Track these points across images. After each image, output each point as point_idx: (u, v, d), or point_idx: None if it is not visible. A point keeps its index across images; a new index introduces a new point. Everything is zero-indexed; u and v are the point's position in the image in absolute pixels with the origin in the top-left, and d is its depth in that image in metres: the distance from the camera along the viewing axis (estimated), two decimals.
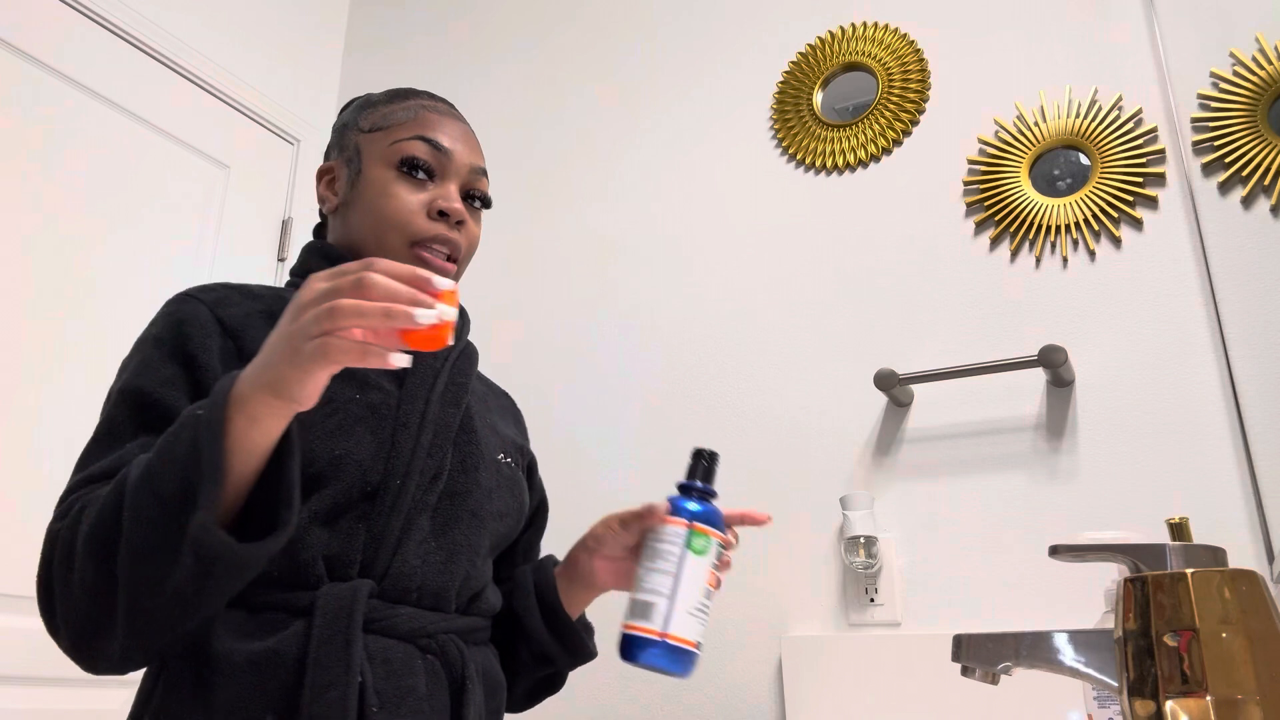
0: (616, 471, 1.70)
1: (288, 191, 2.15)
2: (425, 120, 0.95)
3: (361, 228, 0.92)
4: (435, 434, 0.86)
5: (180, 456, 0.66)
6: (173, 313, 0.83)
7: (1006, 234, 1.51)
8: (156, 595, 0.66)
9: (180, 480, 0.65)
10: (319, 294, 0.64)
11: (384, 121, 0.95)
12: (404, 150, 0.92)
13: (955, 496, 1.42)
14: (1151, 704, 0.56)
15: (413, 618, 0.81)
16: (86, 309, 1.69)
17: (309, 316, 0.64)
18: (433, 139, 0.93)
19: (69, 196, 1.70)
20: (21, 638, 1.50)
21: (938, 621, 1.37)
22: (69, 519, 0.70)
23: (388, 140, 0.93)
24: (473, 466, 0.89)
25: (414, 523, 0.83)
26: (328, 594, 0.76)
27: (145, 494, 0.66)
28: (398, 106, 0.96)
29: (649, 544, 0.86)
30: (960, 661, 0.69)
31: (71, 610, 0.68)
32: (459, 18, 2.27)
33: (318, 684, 0.72)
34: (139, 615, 0.67)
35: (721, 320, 1.70)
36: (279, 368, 0.65)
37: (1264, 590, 0.58)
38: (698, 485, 0.89)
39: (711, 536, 0.86)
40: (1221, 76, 1.37)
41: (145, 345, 0.82)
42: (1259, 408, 1.21)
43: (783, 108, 1.76)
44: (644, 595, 0.82)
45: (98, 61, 1.79)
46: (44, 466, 1.58)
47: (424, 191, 0.92)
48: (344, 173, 0.95)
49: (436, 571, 0.84)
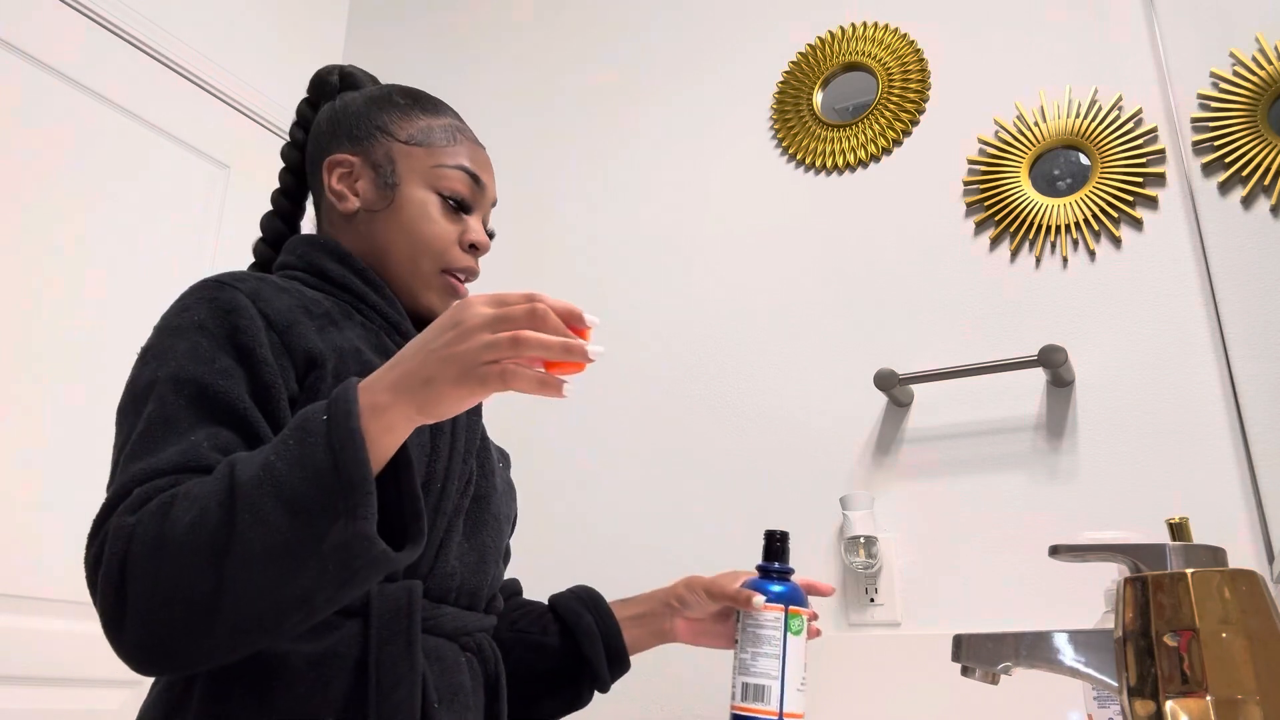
0: (616, 471, 1.70)
1: None
2: (465, 149, 0.97)
3: (392, 243, 0.92)
4: (466, 440, 0.89)
5: (314, 463, 0.63)
6: (213, 299, 0.79)
7: (1006, 234, 1.51)
8: (276, 601, 0.64)
9: (317, 487, 0.63)
10: (490, 320, 0.65)
11: (424, 138, 0.95)
12: (451, 182, 0.94)
13: (955, 496, 1.42)
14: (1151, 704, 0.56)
15: (455, 617, 0.84)
16: (86, 309, 1.69)
17: (483, 341, 0.65)
18: (475, 174, 0.96)
19: (69, 196, 1.70)
20: (21, 638, 1.50)
21: (938, 621, 1.37)
22: (148, 516, 0.65)
23: (431, 161, 0.94)
24: (489, 472, 0.93)
25: (453, 526, 0.86)
26: (382, 594, 0.77)
27: (268, 499, 0.63)
28: (434, 123, 0.97)
29: (748, 628, 0.93)
30: (960, 661, 0.69)
31: (156, 609, 0.64)
32: (457, 18, 2.27)
33: (385, 683, 0.73)
34: (248, 620, 0.64)
35: (721, 320, 1.70)
36: (439, 386, 0.65)
37: (1264, 590, 0.58)
38: (776, 567, 0.97)
39: (803, 615, 0.94)
40: (1221, 76, 1.37)
41: (186, 332, 0.77)
42: (1259, 408, 1.21)
43: (783, 108, 1.76)
44: (755, 679, 0.91)
45: (98, 61, 1.79)
46: (44, 467, 1.58)
47: (459, 223, 0.95)
48: (369, 176, 0.94)
49: (471, 572, 0.87)
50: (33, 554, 1.54)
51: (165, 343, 0.77)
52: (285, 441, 0.66)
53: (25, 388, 1.58)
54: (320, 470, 0.63)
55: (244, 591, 0.63)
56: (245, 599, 0.63)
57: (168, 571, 0.63)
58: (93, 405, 1.67)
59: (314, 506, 0.63)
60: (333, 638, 0.75)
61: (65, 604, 1.57)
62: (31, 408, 1.58)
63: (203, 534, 0.63)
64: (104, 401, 1.68)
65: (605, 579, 1.64)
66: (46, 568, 1.55)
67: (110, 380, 1.70)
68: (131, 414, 0.75)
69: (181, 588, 0.63)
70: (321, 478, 0.63)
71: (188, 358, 0.75)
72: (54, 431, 1.60)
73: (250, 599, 0.63)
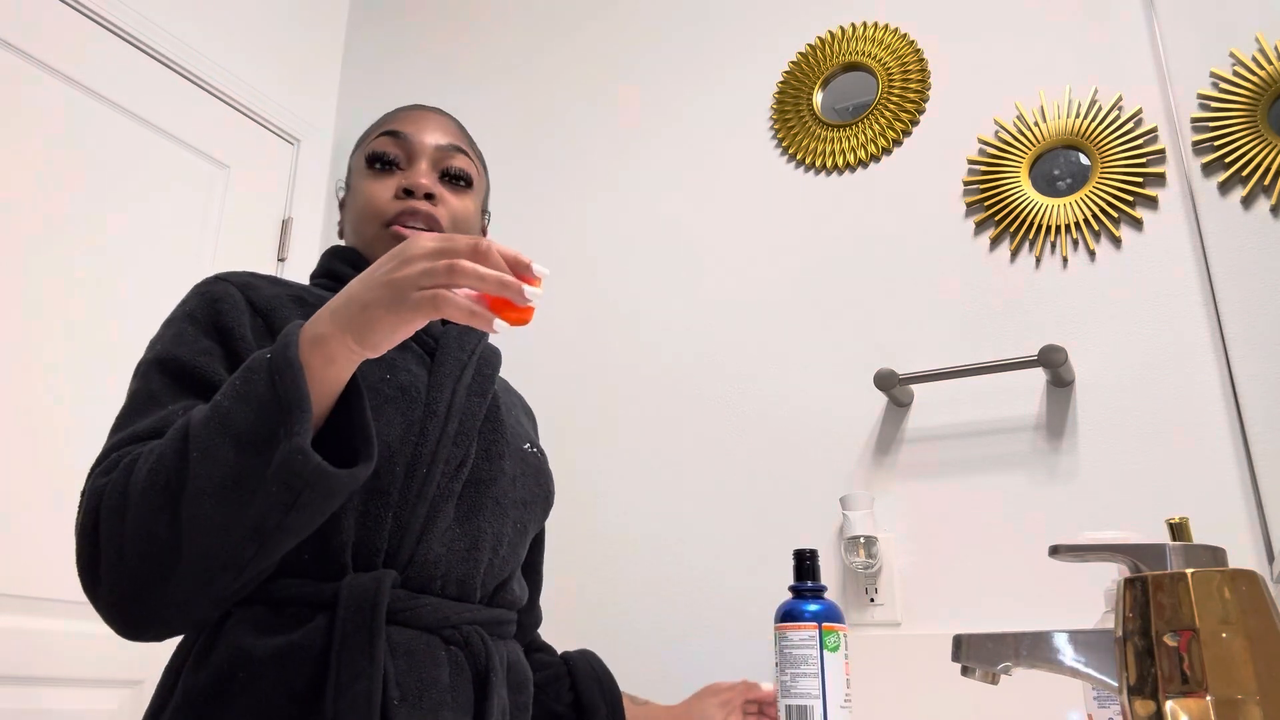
0: (615, 471, 1.70)
1: (288, 191, 2.15)
2: (389, 118, 1.02)
3: (351, 230, 0.99)
4: (461, 423, 0.88)
5: (256, 395, 0.67)
6: (204, 292, 0.86)
7: (1006, 234, 1.51)
8: (230, 534, 0.66)
9: (258, 416, 0.66)
10: (431, 251, 0.68)
11: (363, 139, 1.03)
12: (369, 149, 0.99)
13: (955, 496, 1.42)
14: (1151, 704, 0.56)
15: (436, 608, 0.81)
16: (86, 309, 1.69)
17: (420, 269, 0.67)
18: (391, 129, 0.99)
19: (69, 196, 1.70)
20: (21, 638, 1.50)
21: (938, 621, 1.37)
22: (117, 472, 0.70)
23: (363, 151, 1.01)
24: (497, 455, 0.91)
25: (439, 510, 0.84)
26: (351, 585, 0.77)
27: (215, 434, 0.67)
28: (375, 123, 1.04)
29: (784, 651, 0.93)
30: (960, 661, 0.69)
31: (123, 562, 0.67)
32: (459, 18, 2.27)
33: (342, 677, 0.73)
34: (207, 558, 0.67)
35: (721, 320, 1.70)
36: (374, 310, 0.67)
37: (1264, 590, 0.58)
38: (809, 586, 0.97)
39: (840, 631, 0.93)
40: (1221, 76, 1.37)
41: (177, 321, 0.84)
42: (1259, 408, 1.21)
43: (783, 108, 1.76)
44: (797, 700, 0.91)
45: (98, 61, 1.80)
46: (42, 467, 1.58)
47: (392, 178, 0.97)
48: (346, 193, 1.04)
49: (460, 560, 0.84)
50: (33, 554, 1.54)
51: (159, 332, 0.85)
52: (233, 382, 0.70)
53: (25, 387, 1.58)
54: (263, 401, 0.67)
55: (199, 527, 0.66)
56: (201, 534, 0.66)
57: (130, 519, 0.67)
58: (93, 405, 1.67)
59: (258, 436, 0.66)
60: (300, 631, 0.75)
61: (65, 604, 1.57)
62: (31, 407, 1.58)
63: (159, 478, 0.67)
64: (104, 401, 1.68)
65: (605, 578, 1.64)
66: (46, 568, 1.55)
67: (110, 380, 1.70)
68: (134, 379, 0.82)
69: (143, 532, 0.66)
70: (264, 408, 0.67)
71: (173, 341, 0.81)
72: (54, 431, 1.60)
73: (205, 534, 0.66)
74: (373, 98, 2.32)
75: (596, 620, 1.62)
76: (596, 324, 1.82)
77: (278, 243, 2.10)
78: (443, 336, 0.94)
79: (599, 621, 1.62)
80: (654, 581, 1.60)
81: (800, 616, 0.93)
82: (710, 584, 1.55)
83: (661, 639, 1.56)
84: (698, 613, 1.55)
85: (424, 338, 0.94)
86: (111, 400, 1.69)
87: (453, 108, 2.18)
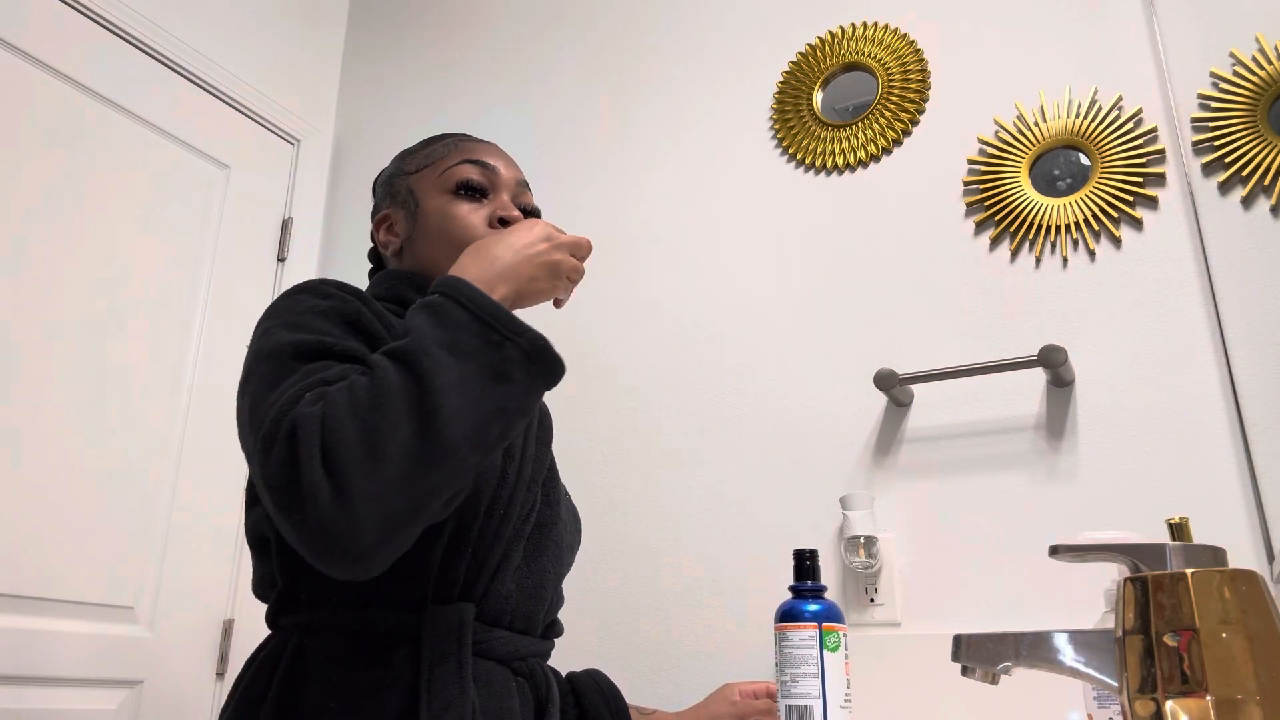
0: (614, 472, 1.70)
1: (288, 191, 2.15)
2: (467, 148, 1.03)
3: (433, 252, 0.98)
4: (533, 470, 0.92)
5: (458, 319, 0.73)
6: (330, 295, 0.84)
7: (1006, 234, 1.51)
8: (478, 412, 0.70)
9: (474, 330, 0.73)
10: (570, 244, 0.87)
11: (428, 160, 1.02)
12: (456, 175, 0.99)
13: (955, 496, 1.42)
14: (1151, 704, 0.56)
15: (507, 641, 0.85)
16: (86, 309, 1.69)
17: (572, 264, 0.87)
18: (479, 160, 1.01)
19: (68, 196, 1.70)
20: (21, 638, 1.50)
21: (938, 621, 1.37)
22: (330, 395, 0.68)
23: (437, 172, 1.00)
24: (555, 501, 0.96)
25: (513, 550, 0.87)
26: (433, 617, 0.79)
27: (438, 353, 0.70)
28: (437, 146, 1.04)
29: (785, 650, 0.93)
30: (960, 661, 0.69)
31: (374, 462, 0.65)
32: (459, 18, 2.27)
33: (435, 705, 0.74)
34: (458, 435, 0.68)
35: (721, 320, 1.70)
36: (540, 284, 0.84)
37: (1264, 590, 0.58)
38: (809, 586, 0.97)
39: (840, 631, 0.94)
40: (1221, 76, 1.37)
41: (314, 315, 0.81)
42: (1259, 408, 1.21)
43: (783, 108, 1.76)
44: (796, 700, 0.90)
45: (98, 61, 1.80)
46: (44, 467, 1.58)
47: (482, 207, 0.99)
48: (401, 214, 1.02)
49: (528, 597, 0.89)
50: (34, 554, 1.54)
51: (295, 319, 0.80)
52: (420, 319, 0.74)
53: (25, 388, 1.58)
54: (468, 322, 0.74)
55: (451, 412, 0.68)
56: (454, 417, 0.68)
57: (373, 421, 0.66)
58: (93, 405, 1.66)
59: (477, 344, 0.73)
60: (387, 661, 0.77)
61: (65, 604, 1.57)
62: (32, 407, 1.58)
63: (392, 384, 0.68)
64: (104, 401, 1.68)
65: (604, 578, 1.64)
66: (48, 568, 1.55)
67: (111, 380, 1.70)
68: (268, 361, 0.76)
69: (392, 428, 0.66)
70: (473, 325, 0.74)
71: (320, 333, 0.79)
72: (54, 431, 1.60)
73: (458, 417, 0.69)
74: (373, 98, 2.32)
75: (596, 619, 1.62)
76: (595, 324, 1.82)
77: (278, 243, 2.10)
78: None
79: (598, 621, 1.62)
80: (653, 581, 1.60)
81: (800, 616, 0.93)
82: (710, 584, 1.55)
83: (660, 639, 1.56)
84: (697, 613, 1.55)
85: None
86: (111, 400, 1.69)
87: (452, 108, 2.18)
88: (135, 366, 1.75)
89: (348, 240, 2.20)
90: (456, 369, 0.69)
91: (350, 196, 2.25)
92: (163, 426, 1.78)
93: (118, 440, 1.70)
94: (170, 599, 1.72)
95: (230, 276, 1.97)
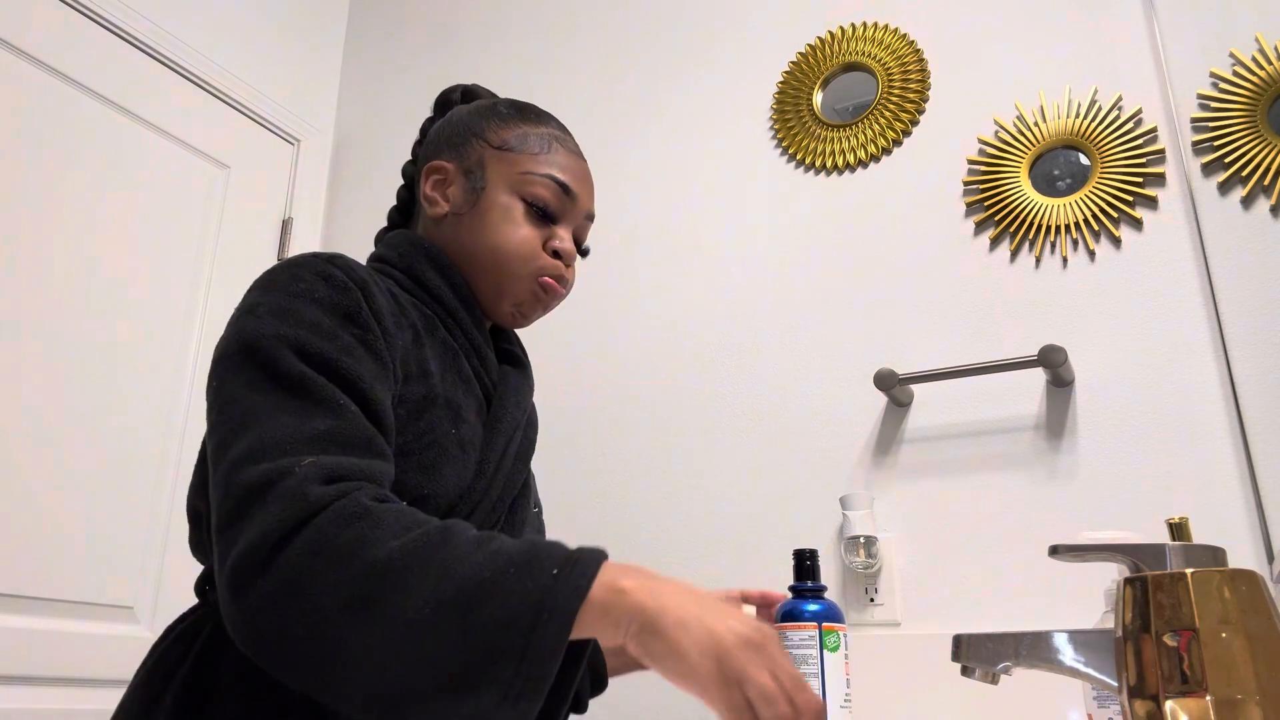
0: (614, 472, 1.70)
1: (288, 191, 2.15)
2: (559, 158, 0.95)
3: (478, 246, 0.91)
4: (503, 490, 0.87)
5: (514, 607, 0.60)
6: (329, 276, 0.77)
7: (1006, 234, 1.51)
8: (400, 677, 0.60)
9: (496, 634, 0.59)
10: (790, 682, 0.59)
11: (516, 144, 0.94)
12: (537, 190, 0.92)
13: (955, 496, 1.42)
14: (1151, 704, 0.56)
15: None
16: (86, 309, 1.69)
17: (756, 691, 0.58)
18: (565, 184, 0.94)
19: (68, 196, 1.70)
20: (21, 638, 1.50)
21: (938, 621, 1.37)
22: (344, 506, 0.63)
23: (519, 167, 0.93)
24: (520, 522, 0.92)
25: None
26: None
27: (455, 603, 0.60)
28: (530, 130, 0.96)
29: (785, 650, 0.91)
30: (960, 661, 0.69)
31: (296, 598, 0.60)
32: (459, 19, 2.27)
33: None
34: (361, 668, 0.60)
35: (721, 320, 1.70)
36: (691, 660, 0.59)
37: (1264, 590, 0.58)
38: (809, 586, 0.96)
39: (839, 631, 0.93)
40: (1221, 76, 1.37)
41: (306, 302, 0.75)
42: (1259, 408, 1.21)
43: (783, 108, 1.76)
44: None
45: (98, 61, 1.79)
46: (44, 467, 1.58)
47: (544, 229, 0.93)
48: (460, 181, 0.94)
49: None
50: (34, 554, 1.54)
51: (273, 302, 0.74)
52: (508, 566, 0.62)
53: (25, 388, 1.58)
54: (516, 622, 0.59)
55: (368, 662, 0.60)
56: (362, 667, 0.60)
57: (329, 581, 0.61)
58: (93, 405, 1.66)
59: (485, 652, 0.59)
60: None
61: (65, 604, 1.57)
62: (32, 408, 1.58)
63: (388, 579, 0.61)
64: (104, 401, 1.68)
65: None
66: (48, 568, 1.55)
67: (110, 380, 1.70)
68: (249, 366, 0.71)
69: (328, 605, 0.60)
70: (509, 632, 0.59)
71: (311, 330, 0.73)
72: (54, 432, 1.60)
73: (366, 671, 0.60)
74: (373, 98, 2.32)
75: None
76: (595, 323, 1.82)
77: (278, 243, 2.10)
78: (501, 382, 0.92)
79: None
80: None
81: (800, 616, 0.93)
82: (710, 584, 1.55)
83: None
84: None
85: (485, 380, 0.90)
86: (111, 400, 1.69)
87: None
88: (135, 367, 1.75)
89: (348, 240, 2.20)
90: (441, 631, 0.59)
91: (350, 196, 2.25)
92: (162, 427, 1.78)
93: (118, 440, 1.69)
94: (170, 599, 1.72)
95: (230, 277, 1.97)
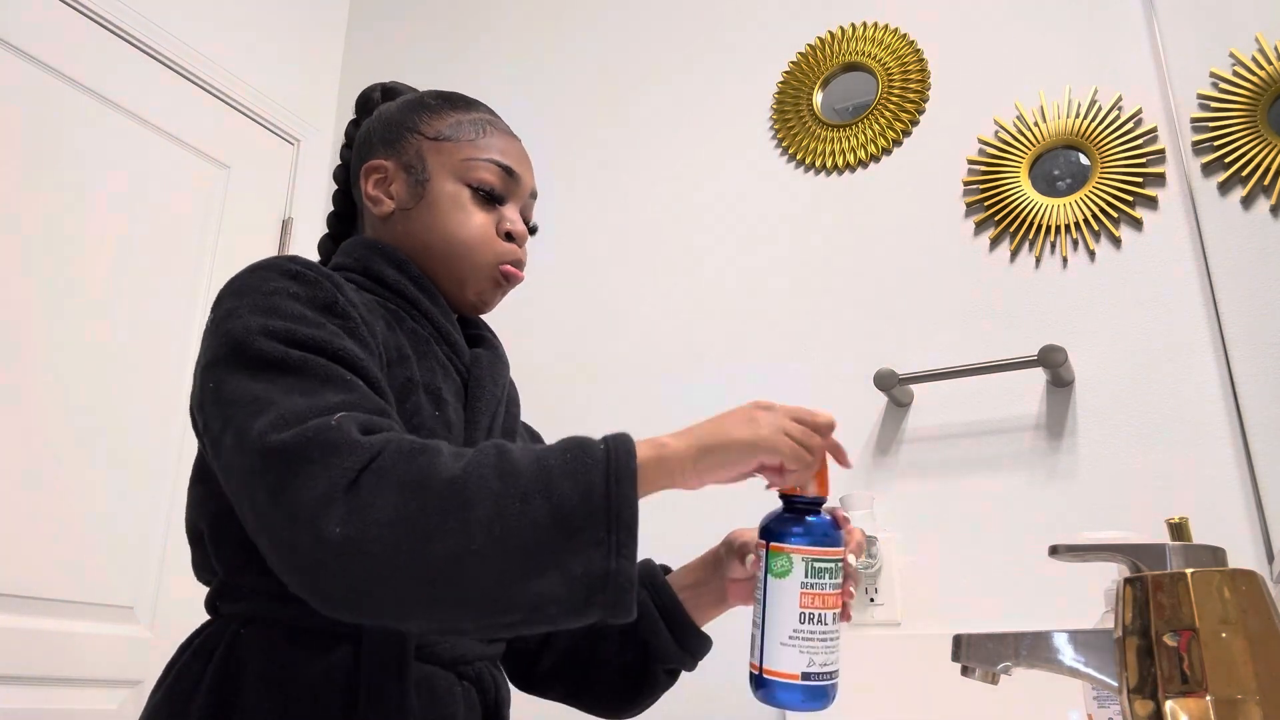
0: None
1: (288, 191, 2.15)
2: (496, 141, 0.96)
3: (430, 238, 0.91)
4: None
5: (587, 482, 0.65)
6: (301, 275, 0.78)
7: (1006, 234, 1.51)
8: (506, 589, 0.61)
9: (585, 505, 0.64)
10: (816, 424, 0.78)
11: (452, 133, 0.95)
12: (481, 174, 0.93)
13: (955, 496, 1.42)
14: (1151, 704, 0.56)
15: (454, 645, 0.81)
16: (86, 309, 1.69)
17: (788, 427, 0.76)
18: (506, 165, 0.95)
19: (68, 196, 1.70)
20: (21, 638, 1.50)
21: (938, 621, 1.37)
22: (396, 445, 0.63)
23: (459, 155, 0.94)
24: None
25: None
26: None
27: (538, 495, 0.63)
28: (463, 117, 0.97)
29: None
30: (960, 661, 0.69)
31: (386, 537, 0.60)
32: (459, 19, 2.27)
33: (372, 711, 0.71)
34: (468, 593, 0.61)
35: (721, 320, 1.70)
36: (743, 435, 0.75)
37: (1264, 590, 0.58)
38: (795, 500, 0.81)
39: (792, 554, 0.77)
40: (1221, 76, 1.37)
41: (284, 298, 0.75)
42: (1259, 408, 1.21)
43: (783, 108, 1.76)
44: (752, 627, 0.78)
45: (98, 61, 1.79)
46: (43, 467, 1.58)
47: (493, 213, 0.94)
48: (402, 177, 0.94)
49: None
50: (34, 554, 1.54)
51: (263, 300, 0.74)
52: (563, 453, 0.66)
53: (25, 388, 1.58)
54: (591, 491, 0.64)
55: (481, 567, 0.61)
56: (478, 574, 0.61)
57: (414, 508, 0.61)
58: (93, 405, 1.66)
59: (577, 522, 0.63)
60: (325, 661, 0.73)
61: (65, 604, 1.57)
62: (31, 408, 1.58)
63: (468, 491, 0.62)
64: (104, 401, 1.68)
65: None
66: (48, 568, 1.55)
67: (111, 380, 1.70)
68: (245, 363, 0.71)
69: (422, 531, 0.60)
70: (590, 499, 0.64)
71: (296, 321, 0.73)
72: (54, 431, 1.60)
73: (483, 577, 0.61)
74: None
75: None
76: (595, 323, 1.82)
77: (278, 243, 2.10)
78: (474, 364, 0.92)
79: None
80: None
81: (761, 533, 0.81)
82: None
83: None
84: None
85: (459, 364, 0.90)
86: (111, 400, 1.69)
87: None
88: (135, 367, 1.75)
89: None
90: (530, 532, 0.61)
91: None
92: (163, 427, 1.78)
93: (118, 441, 1.69)
94: (170, 599, 1.72)
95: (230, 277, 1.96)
